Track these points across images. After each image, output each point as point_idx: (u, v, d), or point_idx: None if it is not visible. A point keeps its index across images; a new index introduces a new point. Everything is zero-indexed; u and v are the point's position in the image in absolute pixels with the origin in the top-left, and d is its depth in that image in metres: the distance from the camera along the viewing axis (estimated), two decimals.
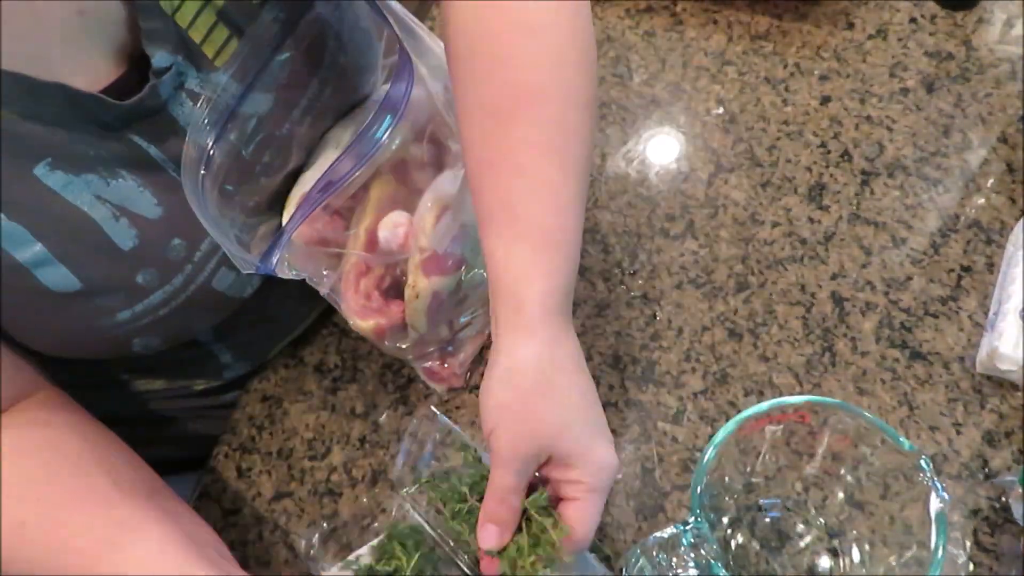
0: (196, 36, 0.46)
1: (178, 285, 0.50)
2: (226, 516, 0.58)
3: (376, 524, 0.57)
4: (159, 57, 0.45)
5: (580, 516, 0.44)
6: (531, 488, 0.46)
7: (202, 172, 0.46)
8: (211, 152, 0.47)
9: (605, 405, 0.59)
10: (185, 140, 0.46)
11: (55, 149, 0.43)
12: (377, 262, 0.56)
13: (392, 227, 0.55)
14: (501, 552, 0.45)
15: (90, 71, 0.45)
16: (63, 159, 0.44)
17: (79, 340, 0.49)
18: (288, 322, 0.65)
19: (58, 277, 0.45)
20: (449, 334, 0.60)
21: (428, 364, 0.61)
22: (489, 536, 0.45)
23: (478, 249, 0.50)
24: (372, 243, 0.55)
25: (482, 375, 0.61)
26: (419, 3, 0.77)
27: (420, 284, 0.55)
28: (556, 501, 0.46)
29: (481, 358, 0.63)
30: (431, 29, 0.83)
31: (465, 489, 0.48)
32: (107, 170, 0.45)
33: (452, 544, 0.49)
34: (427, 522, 0.50)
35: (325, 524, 0.57)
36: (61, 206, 0.44)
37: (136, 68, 0.46)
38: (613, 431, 0.59)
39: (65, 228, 0.44)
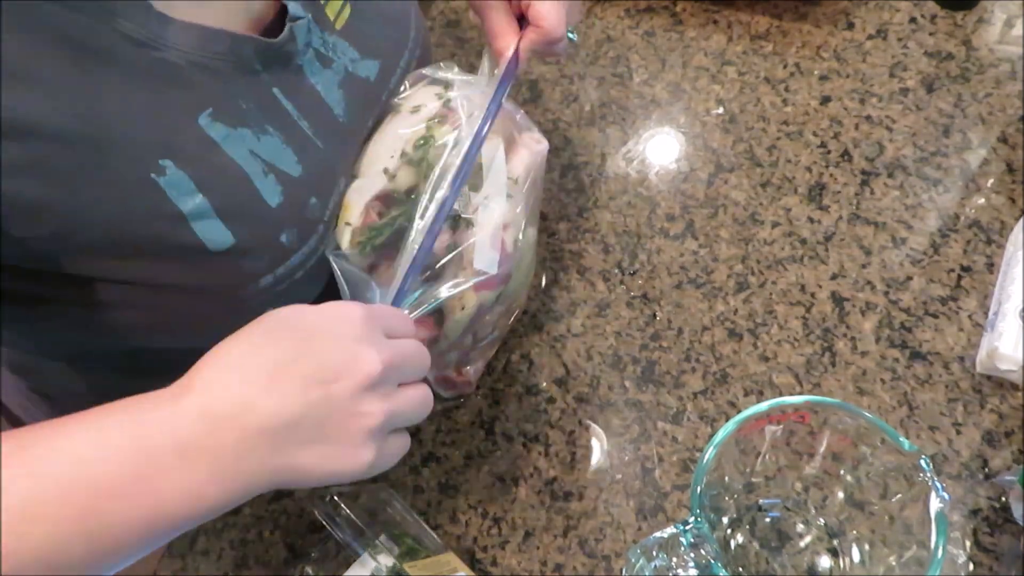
0: None
1: (312, 246, 0.49)
2: (226, 516, 0.58)
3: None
4: (293, 7, 0.46)
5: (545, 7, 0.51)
6: None
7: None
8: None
9: (605, 405, 0.60)
10: (317, 98, 0.48)
11: (216, 100, 0.43)
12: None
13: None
14: None
15: (239, 21, 0.45)
16: (222, 111, 0.44)
17: (213, 313, 0.47)
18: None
19: (214, 232, 0.44)
20: (471, 343, 0.60)
21: (445, 373, 0.60)
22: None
23: (521, 263, 0.53)
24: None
25: (491, 387, 0.61)
26: (419, 3, 0.78)
27: (468, 299, 0.55)
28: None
29: (491, 367, 0.63)
30: (430, 29, 0.83)
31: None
32: (258, 125, 0.45)
33: None
34: None
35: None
36: (221, 158, 0.44)
37: (273, 29, 0.47)
38: (613, 431, 0.59)
39: (224, 181, 0.44)
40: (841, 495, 0.50)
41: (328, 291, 0.51)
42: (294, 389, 0.36)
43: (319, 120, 0.49)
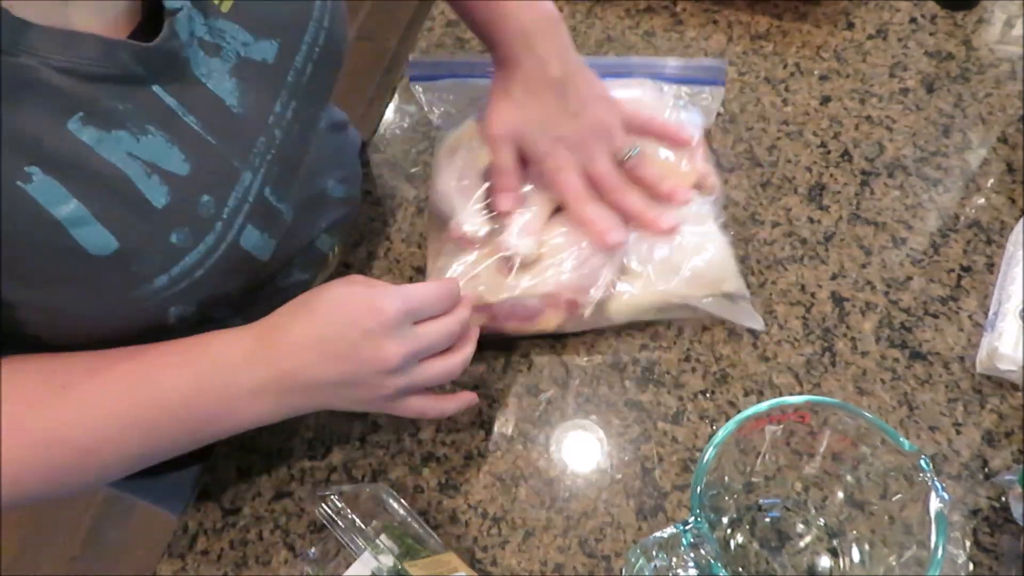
0: None
1: (210, 244, 0.49)
2: (226, 516, 0.58)
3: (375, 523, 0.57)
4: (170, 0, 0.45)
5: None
6: None
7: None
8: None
9: (605, 405, 0.60)
10: (205, 92, 0.47)
11: (87, 104, 0.43)
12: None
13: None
14: None
15: (107, 22, 0.44)
16: (95, 114, 0.43)
17: (114, 313, 0.48)
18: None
19: (96, 237, 0.44)
20: None
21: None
22: (506, 201, 0.59)
23: None
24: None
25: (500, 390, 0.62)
26: (419, 3, 0.77)
27: (552, 320, 0.60)
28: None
29: (491, 366, 0.63)
30: (430, 30, 0.83)
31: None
32: (136, 126, 0.45)
33: None
34: None
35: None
36: (96, 162, 0.43)
37: (149, 21, 0.46)
38: (613, 431, 0.59)
39: (101, 185, 0.43)
40: (841, 495, 0.50)
41: (248, 288, 0.54)
42: (335, 362, 0.49)
43: (209, 115, 0.47)
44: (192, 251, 0.48)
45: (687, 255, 0.59)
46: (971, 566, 0.52)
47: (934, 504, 0.43)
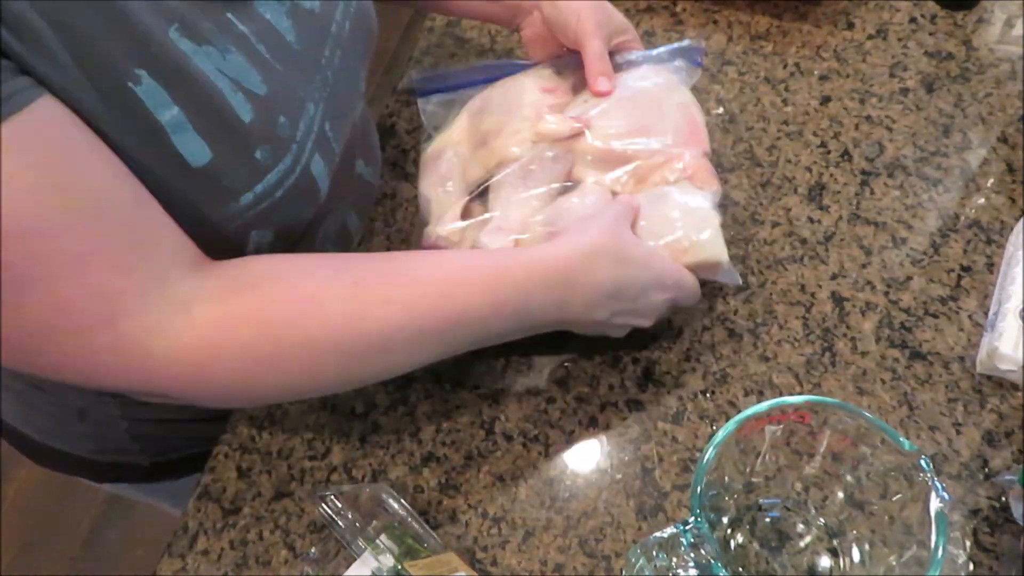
0: None
1: (288, 165, 0.51)
2: (226, 516, 0.58)
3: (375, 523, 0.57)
4: None
5: None
6: None
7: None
8: None
9: (605, 405, 0.60)
10: (268, 25, 0.50)
11: (180, 16, 0.44)
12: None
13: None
14: None
15: None
16: (188, 27, 0.45)
17: (203, 235, 0.49)
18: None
19: (194, 145, 0.45)
20: None
21: None
22: (604, 83, 0.63)
23: None
24: None
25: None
26: (419, 3, 0.78)
27: None
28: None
29: (490, 366, 0.62)
30: (430, 30, 0.83)
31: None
32: (221, 45, 0.47)
33: None
34: None
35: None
36: (194, 72, 0.45)
37: None
38: (614, 431, 0.59)
39: (198, 95, 0.45)
40: (841, 495, 0.50)
41: (315, 222, 0.55)
42: (621, 316, 0.55)
43: (274, 45, 0.50)
44: (273, 170, 0.50)
45: (673, 226, 0.58)
46: (971, 566, 0.52)
47: (934, 504, 0.43)
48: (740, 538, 0.52)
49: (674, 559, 0.44)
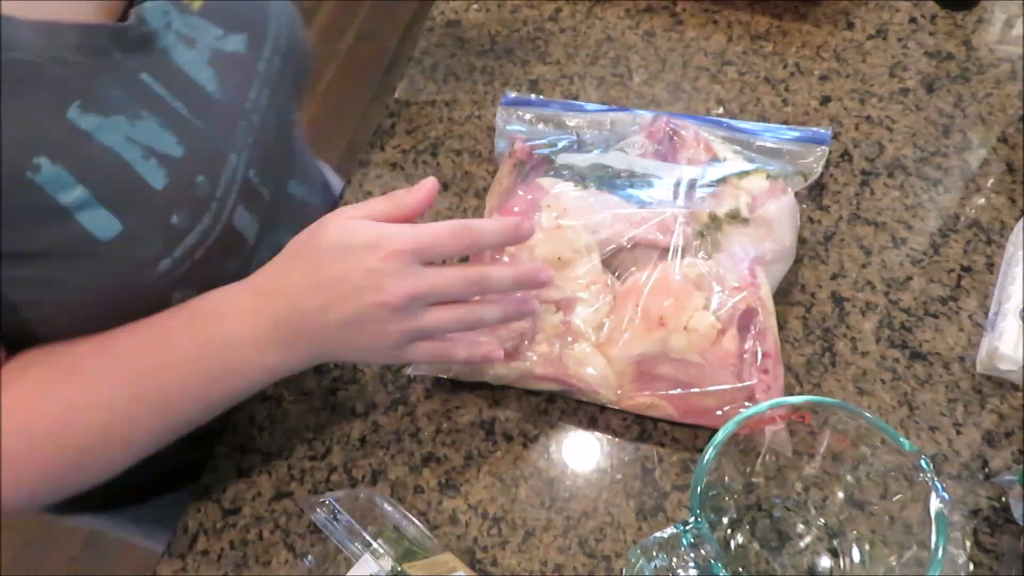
0: None
1: (208, 223, 0.50)
2: (226, 516, 0.58)
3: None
4: None
5: None
6: None
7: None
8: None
9: (605, 405, 0.60)
10: (187, 79, 0.50)
11: (83, 92, 0.44)
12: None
13: None
14: None
15: (91, 10, 0.47)
16: (91, 101, 0.45)
17: (120, 302, 0.49)
18: None
19: (100, 220, 0.45)
20: None
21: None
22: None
23: None
24: None
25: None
26: (419, 3, 0.77)
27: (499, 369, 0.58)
28: None
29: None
30: (430, 30, 0.83)
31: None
32: (131, 111, 0.46)
33: None
34: None
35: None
36: (96, 148, 0.45)
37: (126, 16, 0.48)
38: (613, 431, 0.59)
39: (103, 170, 0.45)
40: (841, 495, 0.50)
41: (241, 272, 0.53)
42: (337, 306, 0.47)
43: (193, 100, 0.50)
44: (191, 231, 0.49)
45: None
46: (971, 566, 0.52)
47: (934, 504, 0.43)
48: (740, 538, 0.52)
49: (674, 559, 0.44)
